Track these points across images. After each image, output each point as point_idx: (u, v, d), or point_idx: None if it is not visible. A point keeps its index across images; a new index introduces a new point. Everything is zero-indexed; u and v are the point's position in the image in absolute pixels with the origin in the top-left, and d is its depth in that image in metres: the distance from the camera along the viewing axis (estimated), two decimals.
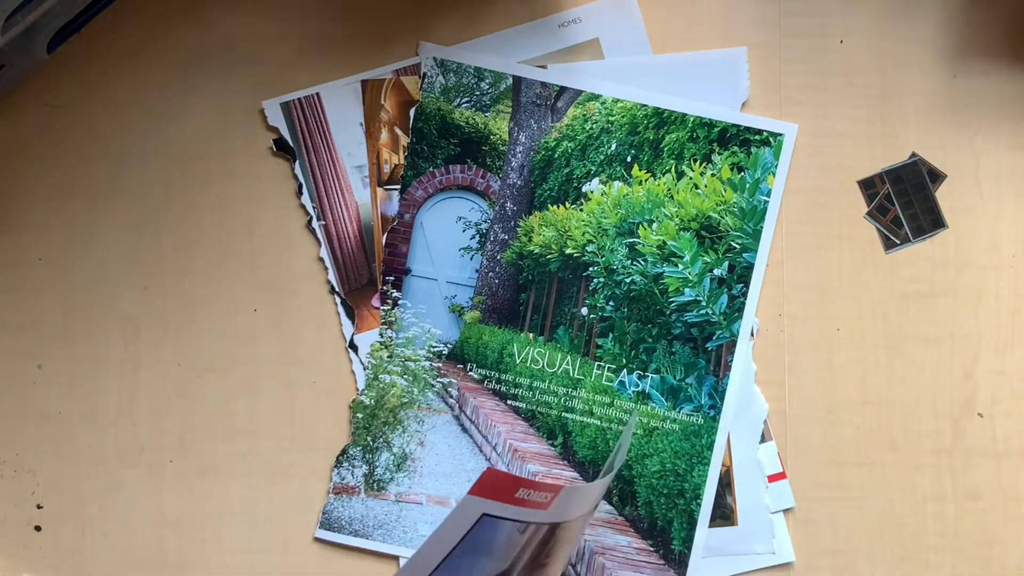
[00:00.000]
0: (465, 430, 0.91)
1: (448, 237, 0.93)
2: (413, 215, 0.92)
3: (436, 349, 0.92)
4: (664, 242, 0.91)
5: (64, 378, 0.90)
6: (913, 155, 0.92)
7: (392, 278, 0.92)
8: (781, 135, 0.91)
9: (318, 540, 0.90)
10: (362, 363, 0.91)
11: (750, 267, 0.91)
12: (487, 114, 0.93)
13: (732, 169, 0.91)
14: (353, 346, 0.91)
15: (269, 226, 0.91)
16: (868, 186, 0.92)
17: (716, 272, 0.91)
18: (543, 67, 0.92)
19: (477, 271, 0.92)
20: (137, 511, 0.90)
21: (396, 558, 0.90)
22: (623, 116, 0.92)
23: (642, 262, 0.91)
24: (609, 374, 0.91)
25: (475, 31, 0.92)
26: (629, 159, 0.92)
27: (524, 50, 0.93)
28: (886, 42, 0.92)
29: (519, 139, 0.93)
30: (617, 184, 0.92)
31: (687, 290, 0.91)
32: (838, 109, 0.92)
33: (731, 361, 0.90)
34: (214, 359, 0.90)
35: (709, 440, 0.90)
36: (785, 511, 0.90)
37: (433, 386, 0.91)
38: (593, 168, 0.92)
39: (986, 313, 0.91)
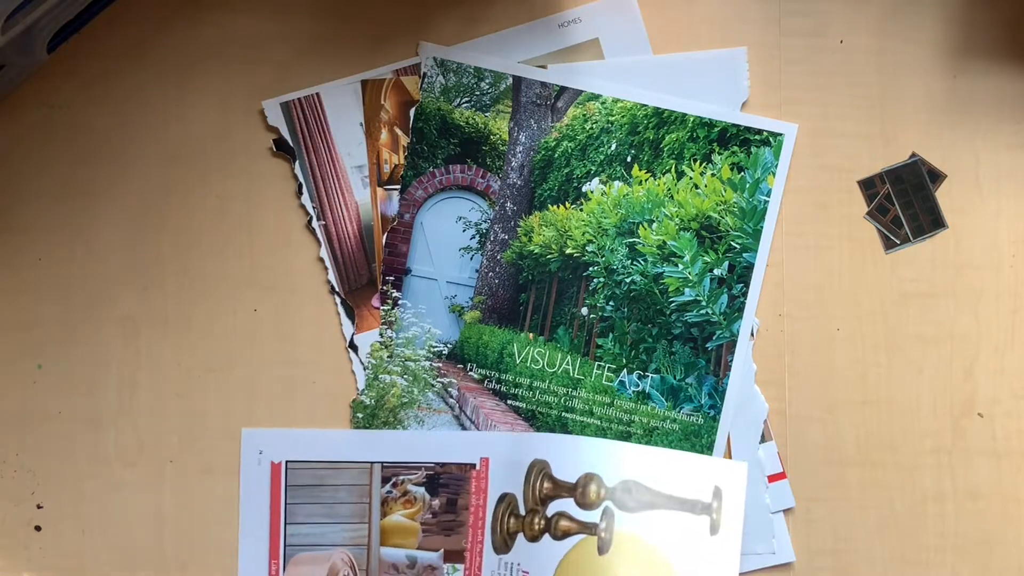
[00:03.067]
0: (465, 430, 0.91)
1: (448, 237, 0.92)
2: (413, 215, 0.92)
3: (436, 349, 0.92)
4: (664, 242, 0.91)
5: (64, 378, 0.90)
6: (913, 155, 0.92)
7: (392, 278, 0.92)
8: (781, 135, 0.91)
9: None
10: (362, 363, 0.91)
11: (750, 267, 0.91)
12: (487, 114, 0.93)
13: (732, 169, 0.91)
14: (353, 346, 0.91)
15: (269, 226, 0.91)
16: (868, 186, 0.92)
17: (716, 272, 0.91)
18: (543, 67, 0.92)
19: (477, 271, 0.92)
20: (137, 511, 0.90)
21: None
22: (623, 116, 0.92)
23: (642, 262, 0.91)
24: (609, 374, 0.91)
25: (475, 31, 0.92)
26: (629, 159, 0.92)
27: (524, 50, 0.93)
28: (886, 42, 0.92)
29: (519, 139, 0.93)
30: (617, 184, 0.92)
31: (687, 290, 0.91)
32: (838, 109, 0.92)
33: (731, 361, 0.90)
34: (214, 359, 0.90)
35: (709, 440, 0.90)
36: (785, 511, 0.90)
37: (433, 386, 0.91)
38: (593, 168, 0.92)
39: (986, 313, 0.91)
